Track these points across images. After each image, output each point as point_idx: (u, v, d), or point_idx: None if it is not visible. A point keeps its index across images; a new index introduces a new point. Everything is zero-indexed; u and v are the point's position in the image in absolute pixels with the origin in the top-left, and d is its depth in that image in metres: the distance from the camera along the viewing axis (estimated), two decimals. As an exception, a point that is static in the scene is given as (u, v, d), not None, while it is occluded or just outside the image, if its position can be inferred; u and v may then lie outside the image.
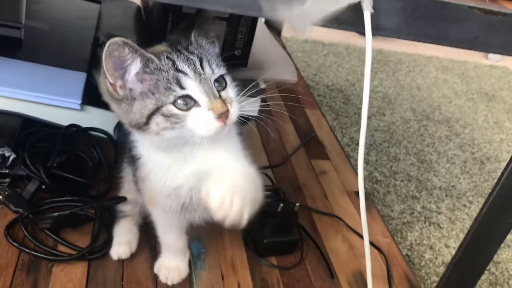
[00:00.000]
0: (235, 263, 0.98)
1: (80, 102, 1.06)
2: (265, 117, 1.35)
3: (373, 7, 0.56)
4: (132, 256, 0.93)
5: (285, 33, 2.23)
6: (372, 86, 2.37)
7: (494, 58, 3.09)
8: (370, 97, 2.30)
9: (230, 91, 0.72)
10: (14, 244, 0.89)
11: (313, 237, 1.07)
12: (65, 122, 1.07)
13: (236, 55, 1.43)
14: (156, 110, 0.67)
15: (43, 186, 0.99)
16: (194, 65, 0.69)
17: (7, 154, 0.97)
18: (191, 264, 0.94)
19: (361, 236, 1.11)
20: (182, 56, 0.70)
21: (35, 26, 1.20)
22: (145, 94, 0.68)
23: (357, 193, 1.26)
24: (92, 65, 1.17)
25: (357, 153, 1.89)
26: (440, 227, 1.59)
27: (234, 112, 0.70)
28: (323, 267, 1.02)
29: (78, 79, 1.10)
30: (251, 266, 0.98)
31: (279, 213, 0.98)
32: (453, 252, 1.49)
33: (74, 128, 1.08)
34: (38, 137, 1.04)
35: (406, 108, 2.26)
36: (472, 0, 0.61)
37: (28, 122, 1.06)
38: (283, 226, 1.00)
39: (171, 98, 0.67)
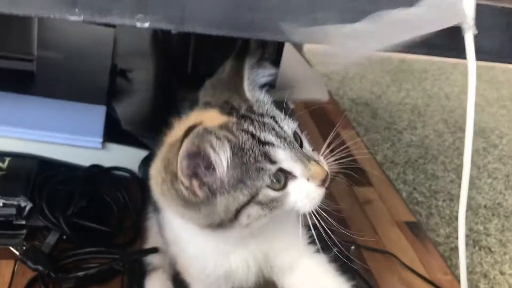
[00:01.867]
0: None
1: (101, 140, 0.96)
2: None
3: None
4: (168, 314, 0.83)
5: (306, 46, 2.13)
6: (399, 98, 2.26)
7: (521, 61, 2.96)
8: (398, 110, 2.19)
9: (307, 145, 0.60)
10: (35, 307, 0.79)
11: (368, 280, 0.96)
12: (85, 163, 0.97)
13: (265, 76, 1.33)
14: (250, 201, 0.54)
15: (64, 237, 0.89)
16: (274, 130, 0.56)
17: (22, 204, 0.87)
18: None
19: (419, 275, 1.00)
20: (256, 122, 0.56)
21: (48, 56, 1.11)
22: (230, 186, 0.54)
23: (407, 223, 1.14)
24: (111, 96, 1.07)
25: (393, 172, 1.76)
26: (491, 251, 1.46)
27: (329, 171, 0.57)
28: (383, 315, 0.90)
29: (97, 113, 1.00)
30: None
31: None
32: (510, 280, 1.37)
33: (95, 169, 0.98)
34: (57, 181, 0.94)
35: (438, 119, 2.15)
36: None
37: (45, 164, 0.96)
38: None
39: (267, 180, 0.54)
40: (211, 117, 0.57)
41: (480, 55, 0.47)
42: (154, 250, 0.84)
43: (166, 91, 1.18)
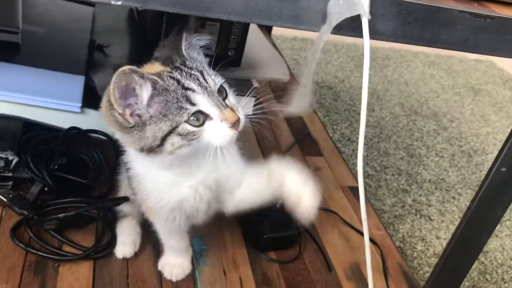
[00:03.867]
0: (236, 258, 1.01)
1: (80, 105, 1.08)
2: (259, 116, 1.38)
3: (370, 13, 0.59)
4: (136, 254, 0.96)
5: (275, 31, 2.26)
6: (361, 83, 2.40)
7: (478, 52, 3.15)
8: (359, 94, 2.34)
9: (232, 98, 0.74)
10: (21, 245, 0.92)
11: (311, 232, 1.11)
12: (65, 125, 1.09)
13: (230, 55, 1.46)
14: (171, 131, 0.68)
15: (46, 188, 1.01)
16: (198, 80, 0.70)
17: (10, 158, 0.99)
18: (194, 260, 0.97)
19: (357, 230, 1.15)
20: (184, 73, 0.70)
21: (32, 30, 1.22)
22: (156, 118, 0.68)
23: (351, 188, 1.30)
24: (89, 68, 1.19)
25: (348, 148, 1.92)
26: (431, 219, 1.63)
27: (243, 118, 0.72)
28: (321, 261, 1.05)
29: (77, 82, 1.12)
30: (252, 261, 1.01)
31: (278, 209, 1.01)
32: (444, 243, 1.54)
33: (74, 131, 1.10)
34: (40, 140, 1.06)
35: (395, 103, 2.31)
36: (461, 4, 0.64)
37: (29, 126, 1.08)
38: (282, 221, 1.03)
39: (185, 117, 0.68)
40: (153, 67, 0.73)
41: (376, 35, 0.61)
42: (125, 198, 0.97)
43: (139, 64, 1.30)
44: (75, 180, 1.03)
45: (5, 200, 0.98)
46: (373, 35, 0.60)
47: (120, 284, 0.90)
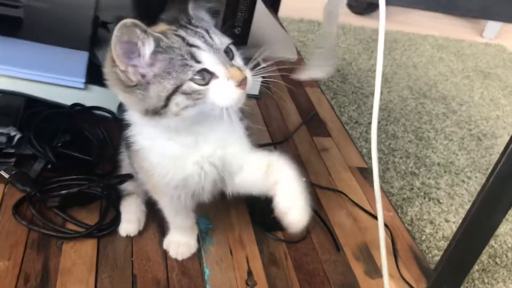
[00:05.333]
0: (242, 238, 0.99)
1: (84, 81, 1.06)
2: (266, 95, 1.35)
3: (387, -23, 0.56)
4: (140, 232, 0.94)
5: (281, 13, 2.22)
6: (368, 65, 2.37)
7: (488, 36, 3.09)
8: (367, 76, 2.31)
9: (239, 60, 0.71)
10: (23, 222, 0.90)
11: (319, 212, 1.08)
12: (69, 102, 1.07)
13: (236, 33, 1.43)
14: (176, 90, 0.65)
15: (49, 165, 0.99)
16: (204, 38, 0.68)
17: (12, 134, 0.97)
18: (200, 240, 0.95)
19: (365, 210, 1.13)
20: (189, 30, 0.68)
21: (35, 5, 1.19)
22: (160, 76, 0.66)
23: (359, 169, 1.27)
24: (93, 44, 1.17)
25: (356, 131, 1.89)
26: (440, 203, 1.61)
27: (250, 78, 0.69)
28: (329, 241, 1.03)
29: (80, 58, 1.09)
30: (259, 240, 0.99)
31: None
32: (453, 227, 1.52)
33: (78, 107, 1.08)
34: (43, 116, 1.04)
35: (403, 86, 2.27)
36: (482, -31, 0.61)
37: (32, 102, 1.06)
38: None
39: (190, 74, 0.65)
40: (159, 27, 0.70)
41: (393, 1, 0.58)
42: (130, 176, 0.95)
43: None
44: (78, 157, 1.02)
45: (7, 176, 0.96)
46: (390, 0, 0.57)
47: (124, 262, 0.89)
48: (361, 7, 2.93)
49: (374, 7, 2.89)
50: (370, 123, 1.91)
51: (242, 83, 0.67)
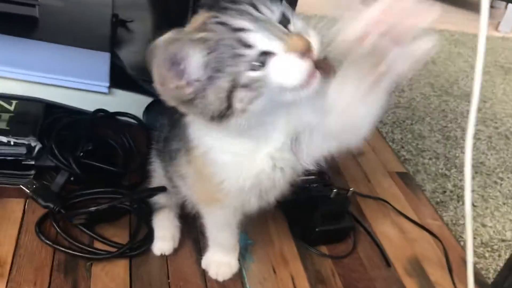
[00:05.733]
0: (284, 254, 0.91)
1: (107, 85, 0.97)
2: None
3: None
4: (175, 250, 0.86)
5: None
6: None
7: (504, 30, 3.02)
8: (386, 73, 2.23)
9: (299, 23, 0.59)
10: (48, 242, 0.82)
11: (363, 223, 1.00)
12: (91, 108, 0.99)
13: None
14: (234, 86, 0.56)
15: (72, 178, 0.91)
16: (250, 14, 0.56)
17: (32, 144, 0.89)
18: (240, 257, 0.87)
19: (411, 220, 1.05)
20: (232, 11, 0.57)
21: (50, 3, 1.11)
22: (212, 78, 0.57)
23: (399, 174, 1.19)
24: (114, 44, 1.08)
25: (382, 131, 1.80)
26: (474, 206, 1.53)
27: (317, 42, 0.57)
28: (377, 255, 0.95)
29: (102, 59, 1.01)
30: (302, 256, 0.91)
31: (331, 200, 0.91)
32: (491, 232, 1.44)
33: (101, 114, 0.99)
34: (64, 124, 0.96)
35: (424, 83, 2.19)
36: None
37: (51, 109, 0.97)
38: (336, 213, 0.93)
39: (244, 65, 0.56)
40: (197, 18, 0.60)
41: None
42: (163, 189, 0.87)
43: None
44: (104, 168, 0.93)
45: (28, 191, 0.87)
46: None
47: (160, 284, 0.80)
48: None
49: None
50: (394, 122, 1.84)
51: (306, 52, 0.55)
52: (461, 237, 1.40)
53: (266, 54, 0.56)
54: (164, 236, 0.86)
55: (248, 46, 0.55)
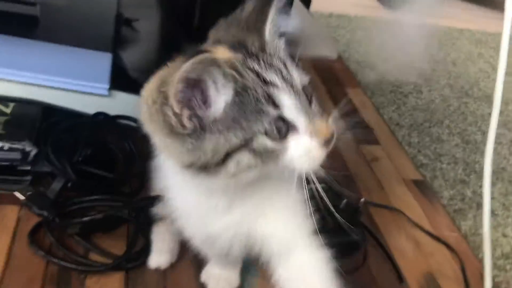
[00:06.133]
0: (290, 267, 0.86)
1: (108, 86, 0.93)
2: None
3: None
4: (174, 263, 0.82)
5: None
6: (405, 62, 2.22)
7: (528, 29, 2.92)
8: (404, 74, 2.17)
9: (316, 106, 0.54)
10: (40, 252, 0.78)
11: (375, 234, 0.95)
12: (91, 110, 0.95)
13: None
14: (242, 146, 0.49)
15: (69, 184, 0.87)
16: (282, 73, 0.51)
17: (27, 149, 0.85)
18: (242, 270, 0.82)
19: (427, 232, 1.00)
20: (263, 62, 0.51)
21: (52, 2, 1.07)
22: (223, 124, 0.50)
23: (414, 181, 1.14)
24: (117, 44, 1.04)
25: (399, 134, 1.74)
26: (495, 214, 1.45)
27: (335, 134, 0.53)
28: (389, 270, 0.90)
29: (103, 60, 0.97)
30: (309, 270, 0.86)
31: (341, 210, 0.86)
32: (512, 242, 1.37)
33: (101, 117, 0.96)
34: (62, 128, 0.92)
35: (444, 84, 2.12)
36: None
37: (49, 111, 0.94)
38: (344, 224, 0.88)
39: (266, 125, 0.49)
40: (218, 53, 0.53)
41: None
42: (161, 198, 0.82)
43: (172, 43, 1.15)
44: (102, 174, 0.89)
45: (22, 198, 0.84)
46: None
47: (157, 299, 0.76)
48: (391, 0, 2.79)
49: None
50: (412, 125, 1.78)
51: (328, 143, 0.51)
52: (480, 248, 1.34)
53: (285, 124, 0.51)
54: (162, 249, 0.82)
55: (275, 105, 0.50)
